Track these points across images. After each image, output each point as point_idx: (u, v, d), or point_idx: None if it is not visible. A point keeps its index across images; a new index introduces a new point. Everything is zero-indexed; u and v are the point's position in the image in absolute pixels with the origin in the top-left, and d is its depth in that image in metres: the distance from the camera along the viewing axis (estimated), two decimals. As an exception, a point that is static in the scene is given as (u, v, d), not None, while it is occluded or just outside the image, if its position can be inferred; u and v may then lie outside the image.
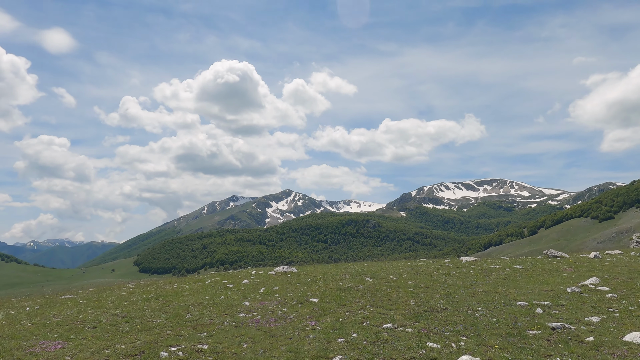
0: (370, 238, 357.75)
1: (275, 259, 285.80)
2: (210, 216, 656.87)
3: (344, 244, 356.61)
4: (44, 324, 11.49)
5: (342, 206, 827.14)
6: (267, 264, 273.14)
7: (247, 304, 13.40)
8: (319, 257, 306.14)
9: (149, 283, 20.87)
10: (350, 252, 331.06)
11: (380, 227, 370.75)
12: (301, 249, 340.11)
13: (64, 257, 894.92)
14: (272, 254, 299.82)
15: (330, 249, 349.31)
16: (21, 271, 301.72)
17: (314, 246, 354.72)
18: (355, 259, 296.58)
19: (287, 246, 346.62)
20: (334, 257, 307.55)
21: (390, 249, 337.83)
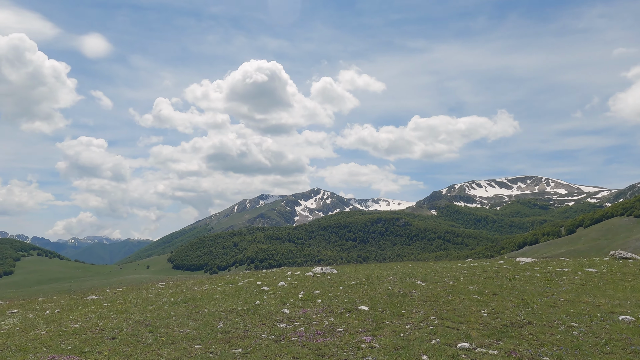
0: (400, 237, 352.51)
1: (305, 257, 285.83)
2: (240, 214, 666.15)
3: (373, 243, 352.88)
4: (59, 332, 10.09)
5: (371, 204, 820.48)
6: (296, 262, 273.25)
7: (286, 311, 11.60)
8: (348, 255, 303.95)
9: (178, 284, 19.50)
10: (380, 251, 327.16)
11: (410, 226, 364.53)
12: (330, 247, 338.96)
13: (102, 254, 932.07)
14: (301, 252, 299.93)
15: (359, 247, 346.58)
16: (63, 267, 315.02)
17: (343, 244, 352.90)
18: (385, 257, 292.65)
19: (316, 244, 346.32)
20: (363, 255, 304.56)
21: (420, 248, 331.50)
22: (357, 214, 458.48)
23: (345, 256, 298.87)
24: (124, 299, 14.74)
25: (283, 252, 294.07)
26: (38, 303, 15.74)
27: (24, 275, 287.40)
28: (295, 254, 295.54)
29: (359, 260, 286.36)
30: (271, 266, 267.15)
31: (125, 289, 19.12)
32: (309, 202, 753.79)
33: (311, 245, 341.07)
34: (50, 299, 17.77)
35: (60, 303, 14.88)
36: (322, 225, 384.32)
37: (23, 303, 16.13)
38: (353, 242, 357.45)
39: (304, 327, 9.99)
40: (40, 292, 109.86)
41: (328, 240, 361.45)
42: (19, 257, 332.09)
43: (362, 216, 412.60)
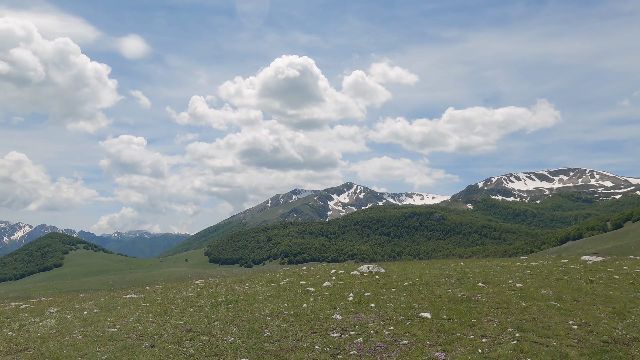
0: (435, 231, 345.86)
1: (338, 252, 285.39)
2: (274, 209, 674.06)
3: (407, 237, 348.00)
4: (95, 336, 9.34)
5: (405, 198, 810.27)
6: (329, 256, 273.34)
7: (338, 317, 10.39)
8: (381, 250, 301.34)
9: (217, 282, 18.74)
10: (414, 246, 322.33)
11: (444, 220, 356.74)
12: (363, 242, 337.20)
13: (143, 247, 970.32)
14: (334, 246, 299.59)
15: (392, 242, 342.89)
16: (108, 260, 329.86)
17: (376, 239, 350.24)
18: (419, 252, 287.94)
19: (349, 239, 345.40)
20: (397, 250, 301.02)
21: (456, 243, 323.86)
22: (391, 208, 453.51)
23: (379, 251, 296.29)
24: (163, 299, 14.01)
25: (316, 246, 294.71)
26: (78, 301, 15.33)
27: (72, 267, 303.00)
28: (328, 248, 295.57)
29: (392, 254, 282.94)
30: (305, 260, 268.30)
31: (164, 287, 18.56)
32: (342, 197, 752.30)
33: (344, 240, 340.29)
34: (91, 295, 17.43)
35: (99, 302, 14.35)
36: (355, 219, 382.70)
37: (64, 301, 15.79)
38: (386, 236, 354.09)
39: (361, 338, 8.75)
40: (86, 284, 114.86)
41: (361, 234, 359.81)
42: (67, 250, 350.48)
43: (395, 210, 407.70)
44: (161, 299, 14.05)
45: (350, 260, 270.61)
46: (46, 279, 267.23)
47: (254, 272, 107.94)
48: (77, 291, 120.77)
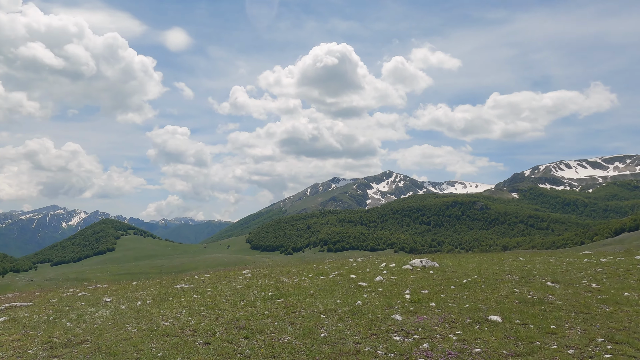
0: (477, 221, 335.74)
1: (377, 241, 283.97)
2: (313, 197, 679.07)
3: (448, 227, 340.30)
4: (150, 330, 9.19)
5: (446, 187, 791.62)
6: (368, 245, 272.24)
7: (398, 318, 9.69)
8: (421, 239, 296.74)
9: (265, 272, 18.51)
10: (455, 235, 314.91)
11: (488, 209, 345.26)
12: (403, 231, 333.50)
13: (188, 234, 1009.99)
14: (374, 235, 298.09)
15: (433, 231, 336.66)
16: (155, 245, 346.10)
17: (417, 228, 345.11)
18: (461, 242, 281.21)
19: (389, 227, 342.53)
20: (438, 239, 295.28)
21: (500, 233, 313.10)
22: (431, 197, 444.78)
23: (419, 240, 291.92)
24: (213, 290, 13.86)
25: (355, 235, 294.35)
26: (131, 290, 15.54)
27: (124, 252, 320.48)
28: (367, 237, 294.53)
29: (433, 244, 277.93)
30: (344, 249, 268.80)
31: (212, 277, 18.56)
32: (381, 185, 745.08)
33: (383, 229, 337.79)
34: (143, 284, 17.70)
35: (151, 292, 14.43)
36: (395, 208, 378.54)
37: (117, 289, 16.08)
38: (427, 225, 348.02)
39: (427, 343, 8.02)
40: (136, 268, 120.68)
41: (401, 223, 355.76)
42: (119, 235, 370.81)
43: (436, 199, 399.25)
44: (211, 290, 13.92)
45: (389, 249, 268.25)
46: (100, 262, 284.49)
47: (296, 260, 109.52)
48: (128, 274, 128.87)
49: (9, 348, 8.21)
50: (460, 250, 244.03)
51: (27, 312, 11.45)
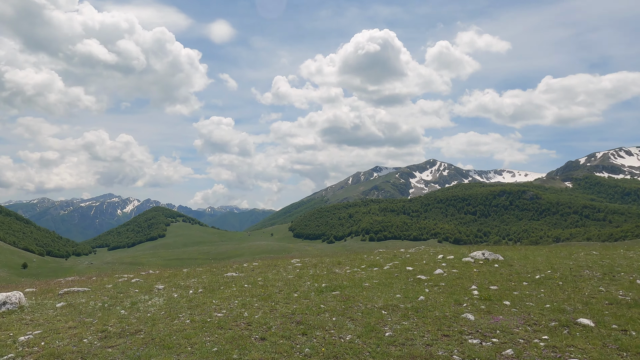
0: (527, 211, 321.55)
1: (420, 230, 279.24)
2: (355, 186, 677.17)
3: (495, 217, 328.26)
4: (203, 322, 8.79)
5: (493, 176, 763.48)
6: (411, 234, 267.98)
7: (470, 317, 8.69)
8: (466, 229, 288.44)
9: (314, 262, 17.95)
10: (503, 226, 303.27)
11: (539, 199, 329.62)
12: (447, 221, 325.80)
13: (233, 222, 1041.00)
14: (417, 224, 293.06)
15: (479, 221, 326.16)
16: (203, 232, 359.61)
17: (461, 218, 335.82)
18: (509, 233, 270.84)
19: (432, 217, 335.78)
20: (484, 230, 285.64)
21: (552, 224, 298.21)
22: (477, 186, 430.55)
23: (464, 230, 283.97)
24: (264, 280, 13.42)
25: (398, 224, 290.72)
26: (182, 277, 15.48)
27: (174, 238, 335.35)
28: (410, 226, 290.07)
29: (479, 235, 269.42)
30: (386, 238, 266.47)
31: (262, 265, 18.25)
32: (424, 174, 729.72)
33: (427, 218, 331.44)
34: (194, 271, 17.68)
35: (202, 280, 14.23)
36: (439, 197, 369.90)
37: (169, 276, 16.09)
38: (472, 215, 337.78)
39: (511, 350, 6.99)
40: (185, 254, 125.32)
41: (445, 213, 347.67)
42: (169, 222, 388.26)
43: (482, 188, 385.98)
44: (262, 280, 13.49)
45: (432, 239, 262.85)
46: (152, 247, 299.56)
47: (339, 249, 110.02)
48: (178, 260, 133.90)
49: (65, 336, 8.07)
50: (508, 241, 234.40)
51: (83, 297, 11.50)
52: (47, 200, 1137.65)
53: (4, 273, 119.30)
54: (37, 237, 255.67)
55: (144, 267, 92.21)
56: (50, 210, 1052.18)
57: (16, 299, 10.20)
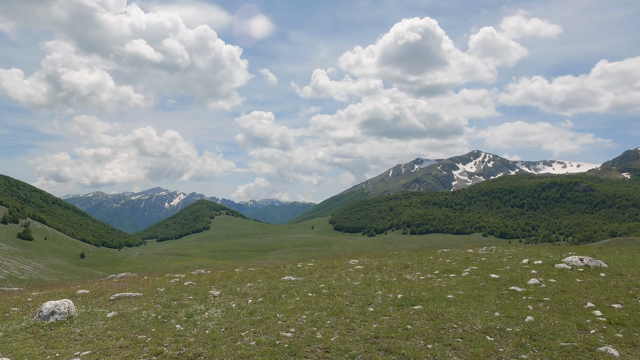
0: (580, 204, 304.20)
1: (463, 224, 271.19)
2: (395, 179, 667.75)
3: (545, 210, 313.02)
4: (271, 345, 7.40)
5: (542, 167, 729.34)
6: (454, 228, 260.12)
7: (612, 352, 6.69)
8: (513, 223, 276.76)
9: (377, 265, 16.21)
10: (553, 219, 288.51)
11: (593, 191, 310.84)
12: (492, 214, 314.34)
13: (274, 214, 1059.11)
14: (460, 218, 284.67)
15: (527, 214, 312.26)
16: (245, 225, 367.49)
17: (508, 211, 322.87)
18: (559, 227, 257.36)
19: (477, 210, 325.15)
20: (532, 224, 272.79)
21: (607, 217, 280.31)
22: (525, 177, 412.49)
23: (510, 224, 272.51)
24: (328, 287, 11.93)
25: (440, 217, 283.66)
26: (236, 279, 14.31)
27: (218, 230, 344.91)
28: (453, 220, 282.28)
29: (527, 228, 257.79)
30: (428, 232, 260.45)
31: (317, 266, 16.79)
32: (468, 166, 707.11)
33: (471, 211, 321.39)
34: (246, 272, 16.55)
35: (259, 285, 12.95)
36: (483, 190, 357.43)
37: (222, 278, 14.99)
38: (520, 208, 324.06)
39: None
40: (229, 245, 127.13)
41: (490, 206, 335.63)
42: (213, 215, 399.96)
43: (530, 180, 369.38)
44: (326, 287, 12.00)
45: (476, 233, 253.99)
46: (198, 239, 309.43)
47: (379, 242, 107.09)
48: (222, 251, 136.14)
49: (117, 358, 6.93)
50: (558, 235, 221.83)
51: (135, 305, 10.50)
52: (101, 194, 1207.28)
53: (64, 262, 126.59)
54: (93, 228, 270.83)
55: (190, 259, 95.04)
56: (104, 204, 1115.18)
57: (65, 308, 9.30)
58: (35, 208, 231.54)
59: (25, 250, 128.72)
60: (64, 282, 18.22)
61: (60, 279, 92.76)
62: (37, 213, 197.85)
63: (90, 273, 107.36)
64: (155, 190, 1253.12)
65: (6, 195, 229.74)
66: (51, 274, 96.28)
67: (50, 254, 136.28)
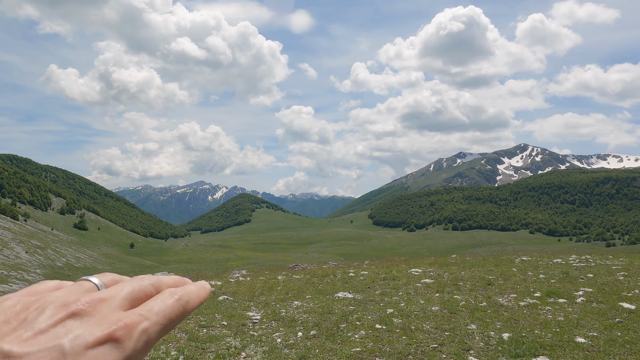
0: (638, 200, 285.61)
1: (509, 220, 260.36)
2: (436, 173, 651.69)
3: (598, 206, 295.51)
4: None
5: (595, 161, 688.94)
6: (498, 224, 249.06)
7: None
8: (563, 220, 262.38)
9: (449, 279, 13.21)
10: (607, 217, 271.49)
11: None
12: (540, 210, 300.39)
13: (313, 208, 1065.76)
14: (505, 214, 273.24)
15: (578, 211, 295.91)
16: (285, 218, 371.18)
17: (557, 207, 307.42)
18: (615, 225, 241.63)
19: (523, 206, 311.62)
20: (584, 221, 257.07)
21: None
22: (577, 172, 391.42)
23: (560, 221, 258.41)
24: (400, 315, 9.10)
25: (484, 213, 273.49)
26: (280, 293, 11.80)
27: (258, 223, 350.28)
28: (497, 216, 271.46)
29: (578, 226, 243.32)
30: (470, 227, 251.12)
31: (373, 275, 13.96)
32: (514, 160, 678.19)
33: (517, 207, 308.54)
34: (290, 280, 14.04)
35: (308, 305, 10.34)
36: (531, 185, 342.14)
37: (263, 288, 12.56)
38: (571, 204, 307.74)
39: None
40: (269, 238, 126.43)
41: (538, 202, 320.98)
42: (254, 208, 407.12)
43: (583, 175, 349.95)
44: (396, 313, 9.18)
45: (523, 230, 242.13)
46: (239, 232, 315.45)
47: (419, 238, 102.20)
48: (262, 244, 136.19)
49: None
50: (614, 234, 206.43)
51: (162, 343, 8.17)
52: (149, 187, 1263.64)
53: (116, 251, 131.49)
54: (141, 220, 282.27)
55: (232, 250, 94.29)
56: (151, 196, 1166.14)
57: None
58: (90, 200, 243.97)
59: (80, 240, 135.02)
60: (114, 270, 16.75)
61: (112, 267, 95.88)
62: (91, 204, 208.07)
63: (140, 262, 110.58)
64: (199, 184, 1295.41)
65: (64, 187, 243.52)
66: (104, 263, 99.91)
67: (103, 244, 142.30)
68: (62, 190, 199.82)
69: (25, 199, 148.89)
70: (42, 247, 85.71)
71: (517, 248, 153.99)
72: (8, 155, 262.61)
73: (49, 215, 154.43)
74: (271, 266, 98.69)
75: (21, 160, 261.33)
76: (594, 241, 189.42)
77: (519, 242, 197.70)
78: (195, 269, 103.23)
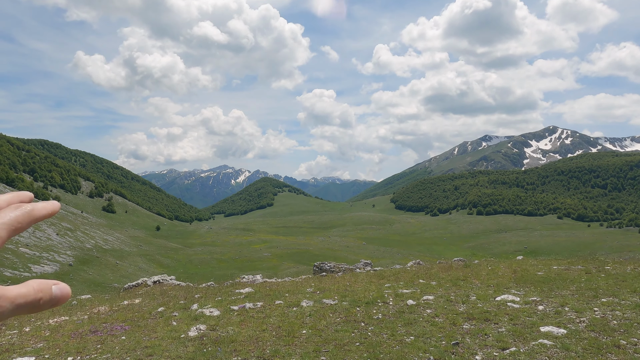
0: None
1: (536, 205, 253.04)
2: (461, 157, 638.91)
3: (632, 191, 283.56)
4: None
5: (630, 144, 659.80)
6: (525, 209, 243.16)
7: None
8: (593, 205, 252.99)
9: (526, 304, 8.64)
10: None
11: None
12: (569, 195, 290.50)
13: (335, 192, 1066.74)
14: (532, 198, 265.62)
15: (610, 196, 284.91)
16: (307, 202, 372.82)
17: (587, 192, 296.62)
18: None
19: (551, 190, 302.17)
20: (616, 206, 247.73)
21: None
22: (609, 155, 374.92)
23: (590, 206, 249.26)
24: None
25: (510, 197, 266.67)
26: (303, 343, 11.54)
27: (280, 207, 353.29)
28: (524, 200, 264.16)
29: (609, 211, 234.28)
30: (495, 212, 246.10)
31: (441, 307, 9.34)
32: (542, 143, 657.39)
33: (544, 192, 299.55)
34: (320, 314, 9.78)
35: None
36: (560, 168, 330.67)
37: (279, 329, 12.18)
38: (602, 189, 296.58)
39: None
40: (291, 222, 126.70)
41: (567, 186, 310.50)
42: (276, 192, 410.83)
43: (615, 158, 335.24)
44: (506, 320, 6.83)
45: (550, 215, 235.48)
46: (262, 215, 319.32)
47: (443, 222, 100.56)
48: (284, 227, 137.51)
49: None
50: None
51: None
52: (174, 171, 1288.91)
53: (142, 234, 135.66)
54: (167, 203, 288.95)
55: (255, 234, 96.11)
56: (176, 180, 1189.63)
57: None
58: (117, 184, 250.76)
59: (108, 222, 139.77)
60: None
61: (139, 249, 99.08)
62: (119, 188, 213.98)
63: (165, 245, 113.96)
64: (222, 168, 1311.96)
65: (93, 171, 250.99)
66: (131, 245, 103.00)
67: (130, 226, 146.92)
68: (91, 174, 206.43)
69: (56, 183, 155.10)
70: (72, 229, 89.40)
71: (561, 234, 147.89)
72: (39, 140, 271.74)
73: (79, 199, 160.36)
74: (292, 253, 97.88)
75: (52, 145, 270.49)
76: (627, 227, 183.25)
77: (547, 227, 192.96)
78: (219, 252, 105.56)
